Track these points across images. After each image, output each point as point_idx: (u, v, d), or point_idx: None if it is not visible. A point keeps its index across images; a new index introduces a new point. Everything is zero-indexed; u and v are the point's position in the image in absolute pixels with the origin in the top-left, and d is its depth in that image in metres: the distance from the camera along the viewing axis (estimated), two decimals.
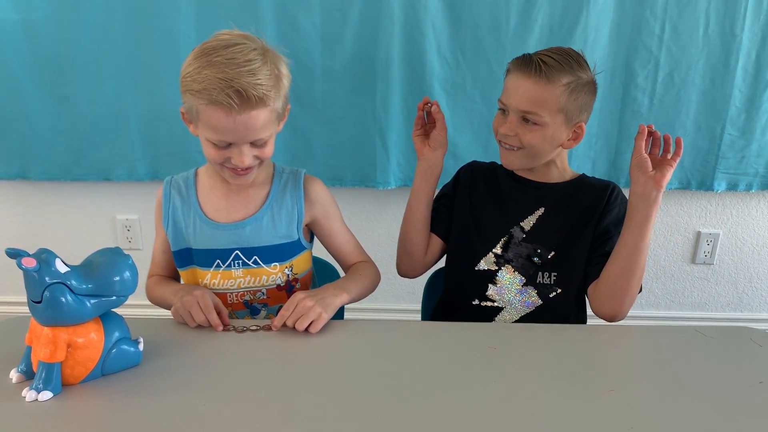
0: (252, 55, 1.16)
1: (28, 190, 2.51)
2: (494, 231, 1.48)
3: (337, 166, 2.39)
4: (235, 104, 1.13)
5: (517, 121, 1.35)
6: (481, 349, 1.14)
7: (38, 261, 0.91)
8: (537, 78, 1.30)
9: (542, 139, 1.35)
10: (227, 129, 1.17)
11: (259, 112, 1.17)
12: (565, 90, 1.31)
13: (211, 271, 1.34)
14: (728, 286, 2.69)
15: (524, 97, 1.33)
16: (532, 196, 1.47)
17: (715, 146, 2.36)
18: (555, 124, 1.34)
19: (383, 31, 2.22)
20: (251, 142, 1.21)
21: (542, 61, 1.31)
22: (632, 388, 1.03)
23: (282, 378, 1.03)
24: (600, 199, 1.43)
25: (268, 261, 1.34)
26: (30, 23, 2.22)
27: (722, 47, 2.24)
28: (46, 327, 0.94)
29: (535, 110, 1.32)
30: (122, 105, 2.32)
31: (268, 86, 1.16)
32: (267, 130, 1.21)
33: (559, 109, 1.32)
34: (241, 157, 1.20)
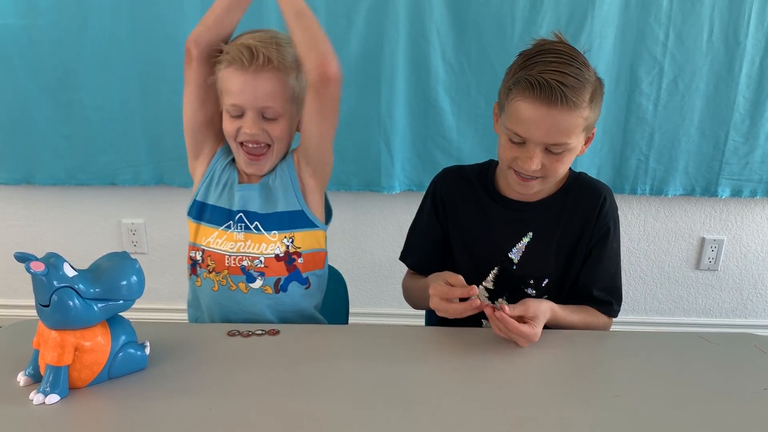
0: (280, 36, 1.26)
1: (33, 195, 2.52)
2: (483, 263, 1.39)
3: (342, 171, 2.40)
4: (246, 60, 1.20)
5: (541, 153, 1.22)
6: (486, 353, 1.14)
7: (46, 265, 0.91)
8: (563, 107, 1.17)
9: (568, 162, 1.27)
10: (239, 89, 1.23)
11: (269, 75, 1.22)
12: (588, 106, 1.20)
13: (219, 230, 1.35)
14: (732, 292, 2.68)
15: (552, 130, 1.19)
16: (518, 220, 1.37)
17: (719, 152, 2.36)
18: (579, 141, 1.25)
19: (388, 38, 2.23)
20: (261, 110, 1.24)
21: (562, 85, 1.15)
22: (637, 393, 1.03)
23: (287, 382, 1.03)
24: (590, 216, 1.35)
25: (268, 228, 1.34)
26: (36, 28, 2.23)
27: (726, 54, 2.25)
28: (54, 330, 0.94)
29: (564, 140, 1.21)
30: (127, 110, 2.33)
31: (281, 56, 1.23)
32: (276, 100, 1.24)
33: (584, 126, 1.22)
34: (249, 123, 1.24)
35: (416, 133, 2.36)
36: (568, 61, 1.19)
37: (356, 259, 2.62)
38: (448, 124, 2.32)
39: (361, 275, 2.63)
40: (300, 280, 1.36)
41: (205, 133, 1.36)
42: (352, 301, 1.70)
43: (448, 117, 2.31)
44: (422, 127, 2.34)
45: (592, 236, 1.35)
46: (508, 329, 1.14)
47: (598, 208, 1.34)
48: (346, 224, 2.56)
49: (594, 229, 1.35)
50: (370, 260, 2.63)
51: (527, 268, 1.36)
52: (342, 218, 2.54)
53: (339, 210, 2.47)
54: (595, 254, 1.36)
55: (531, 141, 1.22)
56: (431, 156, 2.37)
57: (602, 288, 1.37)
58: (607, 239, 1.35)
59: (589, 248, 1.36)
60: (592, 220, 1.35)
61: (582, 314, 1.34)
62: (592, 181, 1.40)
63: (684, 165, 2.38)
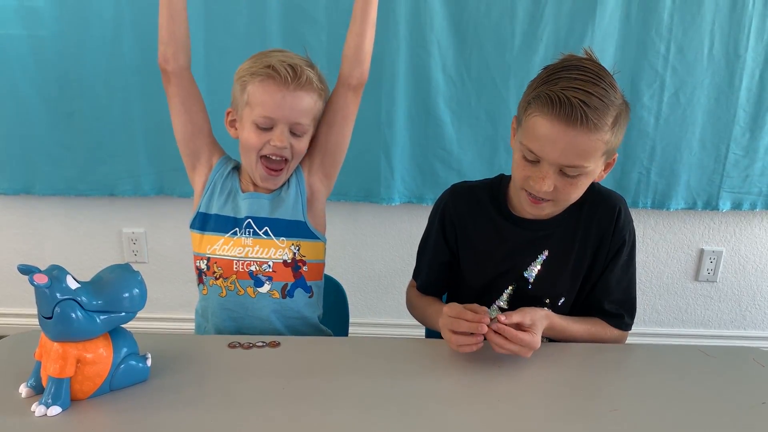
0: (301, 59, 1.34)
1: (33, 205, 2.52)
2: (497, 284, 1.35)
3: (342, 182, 2.37)
4: (290, 77, 1.26)
5: (555, 175, 1.16)
6: (486, 367, 1.14)
7: (50, 277, 0.91)
8: (582, 128, 1.10)
9: (583, 187, 1.21)
10: (276, 104, 1.27)
11: (306, 94, 1.30)
12: (610, 129, 1.13)
13: (224, 237, 1.37)
14: (731, 303, 2.69)
15: (568, 151, 1.13)
16: (533, 240, 1.32)
17: (720, 165, 2.37)
18: (598, 167, 1.18)
19: (389, 49, 2.24)
20: (291, 126, 1.30)
21: (584, 104, 1.09)
22: (635, 407, 1.03)
23: (287, 394, 1.03)
24: (606, 230, 1.30)
25: (278, 234, 1.37)
26: (37, 39, 2.25)
27: (726, 67, 2.26)
28: (56, 342, 0.95)
29: (581, 163, 1.14)
30: (128, 121, 2.34)
31: (316, 78, 1.32)
32: (308, 117, 1.32)
33: (603, 151, 1.16)
34: (281, 136, 1.28)
35: (416, 145, 2.36)
36: (593, 79, 1.11)
37: (356, 269, 2.62)
38: (448, 135, 2.33)
39: (361, 286, 2.63)
40: (305, 287, 1.40)
41: (197, 143, 1.40)
42: (352, 311, 1.70)
43: (448, 129, 2.32)
44: (422, 138, 2.35)
45: (609, 249, 1.32)
46: (509, 339, 1.11)
47: (614, 222, 1.30)
48: (345, 235, 2.57)
49: (611, 242, 1.31)
50: (369, 271, 2.63)
51: (543, 288, 1.33)
52: (342, 229, 2.55)
53: (339, 220, 2.51)
54: (610, 267, 1.32)
55: (545, 160, 1.16)
56: (431, 168, 2.38)
57: (614, 300, 1.34)
58: (622, 251, 1.32)
59: (606, 262, 1.33)
60: (608, 235, 1.30)
61: (587, 325, 1.32)
62: (607, 192, 1.34)
63: (686, 178, 2.38)
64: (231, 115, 1.37)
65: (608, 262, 1.32)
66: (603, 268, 1.33)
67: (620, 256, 1.32)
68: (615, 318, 1.35)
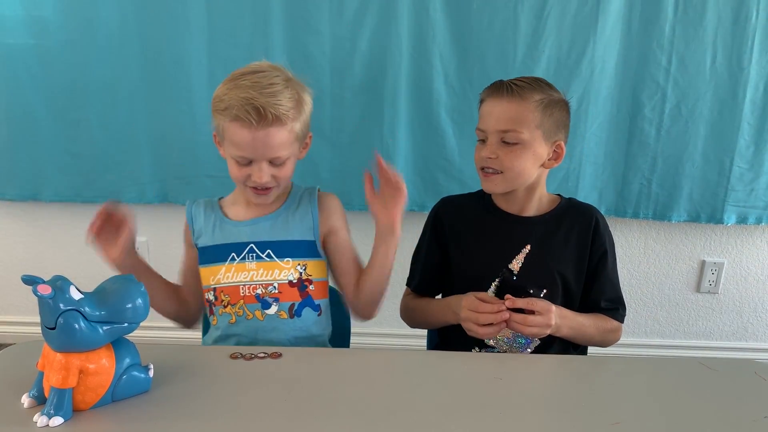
0: (275, 80, 1.27)
1: (39, 212, 2.54)
2: (484, 278, 1.45)
3: (345, 191, 2.38)
4: (254, 120, 1.23)
5: (497, 144, 1.37)
6: (487, 379, 1.15)
7: (53, 288, 0.92)
8: (510, 97, 1.35)
9: (524, 158, 1.37)
10: (247, 144, 1.26)
11: (276, 130, 1.26)
12: (538, 105, 1.35)
13: (225, 265, 1.38)
14: (733, 315, 2.68)
15: (501, 117, 1.37)
16: (516, 233, 1.46)
17: (724, 179, 2.36)
18: (535, 141, 1.36)
19: (391, 61, 2.25)
20: (269, 159, 1.29)
21: (512, 83, 1.37)
22: (637, 420, 1.03)
23: (289, 405, 1.03)
24: (585, 232, 1.46)
25: (281, 255, 1.38)
26: (45, 48, 2.27)
27: (730, 79, 2.26)
28: (59, 353, 0.95)
29: (513, 127, 1.35)
30: (133, 129, 2.35)
31: (286, 107, 1.26)
32: (284, 149, 1.29)
33: (537, 125, 1.35)
34: (259, 173, 1.28)
35: (418, 155, 2.37)
36: (529, 77, 1.41)
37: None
38: (450, 146, 2.34)
39: None
40: (312, 306, 1.41)
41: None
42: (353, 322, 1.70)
43: (450, 139, 2.33)
44: (424, 149, 2.36)
45: (591, 257, 1.47)
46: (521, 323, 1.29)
47: (592, 231, 1.46)
48: None
49: (592, 250, 1.46)
50: None
51: (527, 279, 1.43)
52: None
53: None
54: (600, 272, 1.47)
55: (488, 132, 1.39)
56: (433, 178, 2.39)
57: (608, 299, 1.48)
58: (606, 258, 1.47)
59: (592, 268, 1.47)
60: (588, 243, 1.46)
61: (591, 318, 1.45)
62: (583, 205, 1.53)
63: (688, 191, 2.38)
64: (216, 137, 1.37)
65: (595, 268, 1.47)
66: (591, 274, 1.47)
67: (606, 262, 1.47)
68: (612, 311, 1.49)
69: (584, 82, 2.25)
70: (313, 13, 2.22)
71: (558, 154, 1.42)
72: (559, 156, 1.42)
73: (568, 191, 2.34)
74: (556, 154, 1.42)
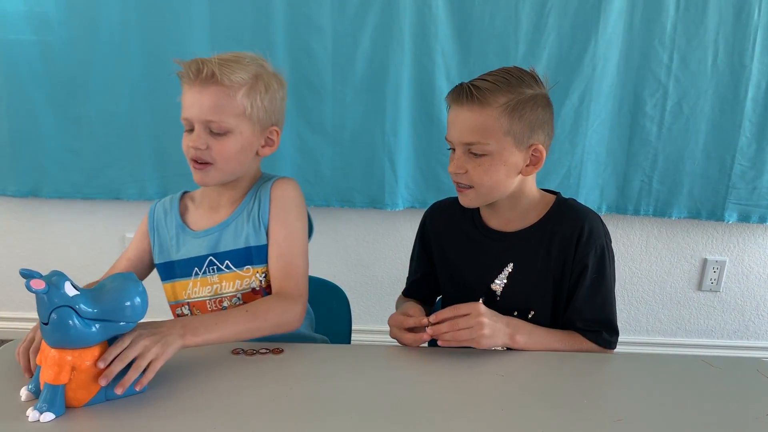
0: (243, 55, 1.27)
1: (39, 208, 2.54)
2: (470, 294, 1.33)
3: (347, 188, 2.41)
4: (192, 75, 1.22)
5: (464, 156, 1.25)
6: (489, 376, 1.14)
7: (48, 283, 0.91)
8: (470, 105, 1.21)
9: (494, 171, 1.24)
10: (188, 103, 1.24)
11: (215, 90, 1.22)
12: (504, 110, 1.20)
13: (192, 280, 1.35)
14: (735, 313, 2.68)
15: (464, 128, 1.23)
16: (499, 251, 1.34)
17: (725, 176, 2.36)
18: (505, 150, 1.22)
19: (393, 58, 2.25)
20: (206, 124, 1.23)
21: (473, 86, 1.21)
22: (639, 417, 1.02)
23: (289, 401, 1.03)
24: (568, 243, 1.29)
25: (239, 265, 1.32)
26: (46, 45, 2.27)
27: (731, 77, 2.25)
28: (54, 349, 0.94)
29: (477, 139, 1.21)
30: (134, 126, 2.36)
31: (230, 72, 1.22)
32: (222, 115, 1.23)
33: (505, 132, 1.21)
34: (194, 137, 1.24)
35: (420, 152, 2.37)
36: (498, 73, 1.24)
37: (358, 275, 2.63)
38: None
39: (364, 292, 2.64)
40: None
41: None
42: (354, 318, 1.70)
43: None
44: (426, 145, 2.36)
45: (573, 269, 1.30)
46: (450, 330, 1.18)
47: (576, 240, 1.28)
48: (348, 241, 2.58)
49: (573, 265, 1.29)
50: (372, 277, 2.64)
51: (511, 300, 1.33)
52: (345, 235, 2.56)
53: (342, 226, 2.52)
54: (577, 290, 1.30)
55: (453, 143, 1.26)
56: (434, 174, 2.39)
57: (587, 319, 1.31)
58: (585, 275, 1.29)
59: (572, 282, 1.31)
60: (570, 252, 1.29)
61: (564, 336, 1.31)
62: (577, 209, 1.34)
63: (689, 188, 2.38)
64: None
65: (573, 285, 1.31)
66: (570, 291, 1.32)
67: (584, 280, 1.29)
68: (591, 333, 1.31)
69: (586, 79, 2.25)
70: (314, 9, 2.22)
71: (537, 158, 1.26)
72: (539, 160, 1.26)
73: (569, 188, 2.35)
74: (535, 158, 1.26)
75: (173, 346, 1.05)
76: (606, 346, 1.31)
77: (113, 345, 0.99)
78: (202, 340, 1.11)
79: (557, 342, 1.28)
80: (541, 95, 1.25)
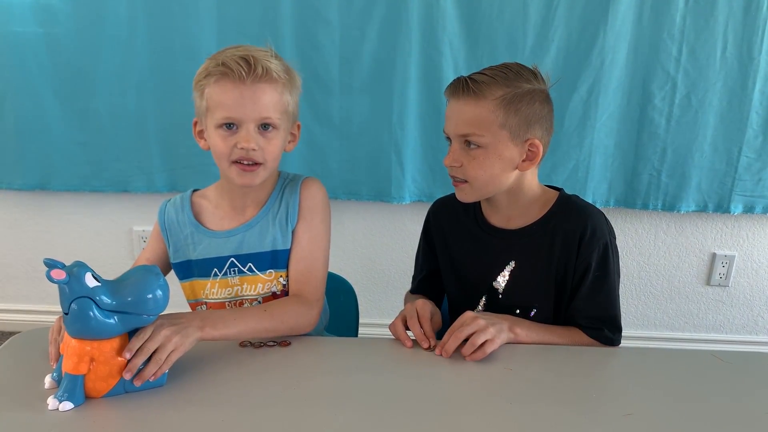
0: (265, 51, 1.23)
1: (47, 201, 2.54)
2: (473, 292, 1.38)
3: (353, 181, 2.41)
4: (244, 71, 1.16)
5: (460, 149, 1.25)
6: (497, 370, 1.14)
7: (68, 274, 0.92)
8: (466, 97, 1.21)
9: (488, 165, 1.23)
10: (235, 102, 1.18)
11: (267, 86, 1.19)
12: (499, 104, 1.20)
13: (210, 281, 1.34)
14: (743, 308, 2.66)
15: (459, 120, 1.23)
16: (501, 249, 1.34)
17: (732, 168, 2.35)
18: (500, 143, 1.22)
19: (401, 50, 2.24)
20: (259, 122, 1.21)
21: (470, 79, 1.22)
22: (649, 412, 1.02)
23: (297, 394, 1.03)
24: (570, 242, 1.28)
25: (262, 268, 1.32)
26: (53, 37, 2.26)
27: (740, 69, 2.24)
28: (74, 339, 0.95)
29: (472, 131, 1.22)
30: (142, 118, 2.35)
31: (278, 67, 1.21)
32: (275, 112, 1.22)
33: (500, 125, 1.21)
34: (247, 136, 1.19)
35: (427, 145, 2.36)
36: (496, 66, 1.25)
37: (365, 269, 2.63)
38: None
39: (370, 286, 2.64)
40: None
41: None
42: (361, 312, 1.70)
43: None
44: (433, 138, 2.35)
45: (576, 268, 1.29)
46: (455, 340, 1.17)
47: (579, 239, 1.27)
48: (356, 234, 2.57)
49: (577, 260, 1.29)
50: (379, 271, 2.63)
51: (513, 298, 1.33)
52: (352, 228, 2.56)
53: (349, 220, 2.51)
54: (581, 287, 1.30)
55: (450, 136, 1.27)
56: (442, 167, 2.31)
57: (589, 317, 1.31)
58: (587, 276, 1.28)
59: (575, 280, 1.30)
60: (573, 251, 1.28)
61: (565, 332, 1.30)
62: (580, 206, 1.33)
63: (697, 181, 2.37)
64: (198, 125, 1.30)
65: (576, 283, 1.30)
66: (573, 289, 1.31)
67: (585, 280, 1.29)
68: (592, 330, 1.31)
69: (594, 72, 2.24)
70: (322, 2, 2.21)
71: (534, 154, 1.25)
72: (535, 155, 1.25)
73: (578, 182, 2.34)
74: (532, 153, 1.25)
75: (192, 337, 1.06)
76: (608, 344, 1.31)
77: (135, 336, 1.00)
78: (221, 334, 1.12)
79: (557, 337, 1.28)
80: (539, 90, 1.25)
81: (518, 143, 1.23)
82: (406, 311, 1.29)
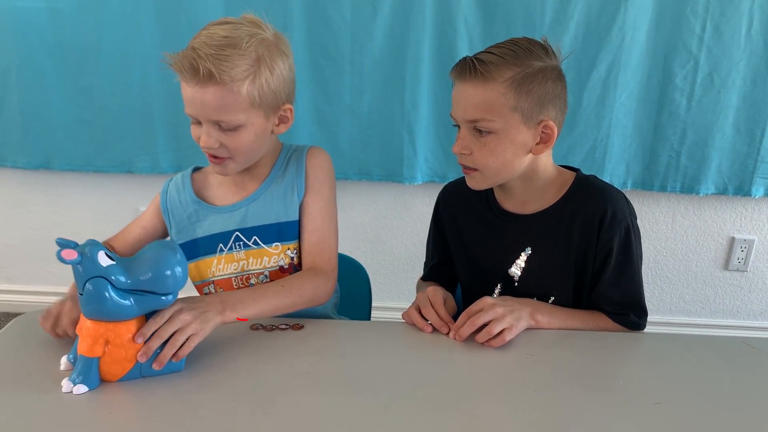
0: (237, 34, 1.13)
1: (51, 180, 2.50)
2: (487, 279, 1.33)
3: (365, 161, 2.37)
4: (188, 75, 1.11)
5: (469, 135, 1.18)
6: (519, 356, 1.09)
7: (80, 253, 0.88)
8: (474, 80, 1.14)
9: (500, 151, 1.17)
10: (189, 101, 1.15)
11: (215, 90, 1.11)
12: (510, 85, 1.13)
13: (216, 257, 1.31)
14: (762, 294, 2.62)
15: (467, 104, 1.16)
16: (516, 235, 1.29)
17: (755, 150, 2.29)
18: (512, 127, 1.16)
19: (414, 26, 2.19)
20: (216, 123, 1.15)
21: (478, 60, 1.14)
22: (679, 400, 0.98)
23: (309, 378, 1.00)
24: (590, 226, 1.23)
25: (268, 241, 1.28)
26: (56, 12, 2.21)
27: (765, 48, 2.18)
28: (89, 320, 0.92)
29: (481, 116, 1.15)
30: (146, 97, 2.31)
31: (229, 67, 1.11)
32: (229, 113, 1.14)
33: (512, 108, 1.14)
34: (205, 136, 1.16)
35: (440, 125, 2.32)
36: (504, 43, 1.17)
37: (376, 251, 2.59)
38: None
39: (381, 269, 2.61)
40: None
41: None
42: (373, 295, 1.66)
43: None
44: (446, 117, 2.24)
45: (597, 253, 1.24)
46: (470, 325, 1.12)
47: (599, 223, 1.22)
48: (366, 216, 2.53)
49: (597, 245, 1.23)
50: (389, 253, 2.60)
51: (530, 286, 1.29)
52: (362, 210, 2.52)
53: (359, 201, 2.47)
54: (603, 273, 1.25)
55: (458, 121, 1.20)
56: None
57: (613, 302, 1.26)
58: (609, 261, 1.24)
59: (597, 266, 1.25)
60: (593, 236, 1.23)
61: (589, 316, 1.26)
62: (599, 187, 1.27)
63: (717, 163, 2.31)
64: None
65: (598, 269, 1.25)
66: (594, 275, 1.26)
67: (608, 265, 1.24)
68: (619, 316, 1.26)
69: (614, 49, 2.18)
70: None
71: (548, 135, 1.19)
72: (550, 137, 1.19)
73: (595, 163, 2.28)
74: (546, 135, 1.19)
75: (212, 321, 1.03)
76: (634, 328, 1.26)
77: (151, 320, 0.96)
78: (241, 316, 1.09)
79: (581, 323, 1.24)
80: (552, 67, 1.18)
81: (531, 126, 1.17)
82: (419, 300, 1.24)
